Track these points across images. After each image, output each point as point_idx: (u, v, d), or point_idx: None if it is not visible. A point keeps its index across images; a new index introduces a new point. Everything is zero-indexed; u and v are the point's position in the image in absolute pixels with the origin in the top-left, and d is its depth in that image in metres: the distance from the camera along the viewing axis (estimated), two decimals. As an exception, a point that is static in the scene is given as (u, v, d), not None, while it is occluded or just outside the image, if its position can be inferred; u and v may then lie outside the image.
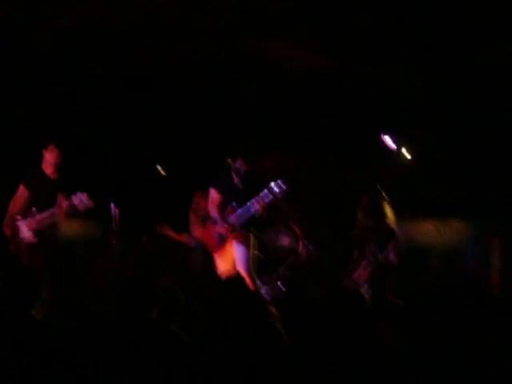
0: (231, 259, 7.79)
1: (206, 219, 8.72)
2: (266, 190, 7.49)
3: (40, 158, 8.26)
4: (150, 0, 7.10)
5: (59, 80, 9.21)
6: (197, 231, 9.42)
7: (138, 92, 9.69)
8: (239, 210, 7.68)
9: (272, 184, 7.49)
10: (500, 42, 7.56)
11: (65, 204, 7.87)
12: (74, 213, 7.98)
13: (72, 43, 8.21)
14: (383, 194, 7.83)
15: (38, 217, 7.95)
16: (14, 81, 9.01)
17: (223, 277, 7.22)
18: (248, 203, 7.61)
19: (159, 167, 12.10)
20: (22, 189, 8.18)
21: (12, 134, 10.12)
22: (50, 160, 8.17)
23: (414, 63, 8.32)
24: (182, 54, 8.37)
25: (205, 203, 8.98)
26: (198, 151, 11.13)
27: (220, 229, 7.81)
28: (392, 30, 7.56)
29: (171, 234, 9.92)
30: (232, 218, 7.74)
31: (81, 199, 7.85)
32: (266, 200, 7.51)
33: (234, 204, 7.74)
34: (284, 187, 7.49)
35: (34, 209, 7.97)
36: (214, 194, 7.95)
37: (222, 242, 7.85)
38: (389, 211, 7.86)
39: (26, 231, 7.95)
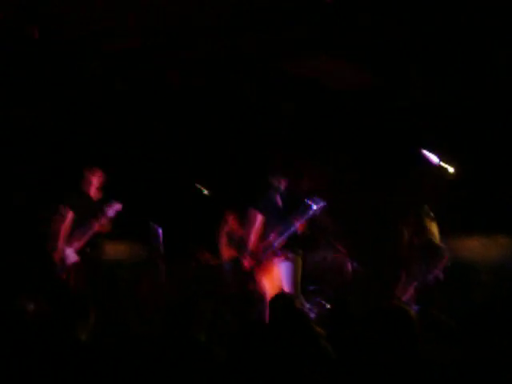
0: (278, 281, 7.75)
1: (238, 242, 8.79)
2: (303, 207, 7.47)
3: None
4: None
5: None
6: (227, 252, 9.44)
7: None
8: (280, 228, 7.67)
9: (308, 201, 7.47)
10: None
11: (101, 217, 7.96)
12: (107, 221, 8.03)
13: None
14: (428, 210, 7.73)
15: (78, 235, 8.02)
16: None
17: (268, 296, 7.21)
18: (288, 222, 7.60)
19: (200, 186, 12.12)
20: (70, 214, 8.18)
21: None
22: (94, 183, 8.23)
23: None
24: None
25: (238, 226, 9.03)
26: (239, 170, 11.13)
27: (246, 261, 7.89)
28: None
29: (210, 259, 9.94)
30: (273, 237, 7.73)
31: (114, 209, 7.95)
32: (305, 217, 7.50)
33: (278, 227, 7.71)
34: (321, 203, 7.47)
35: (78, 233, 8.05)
36: (255, 217, 7.95)
37: (268, 263, 7.82)
38: (434, 228, 7.78)
39: (72, 256, 8.00)
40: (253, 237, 7.93)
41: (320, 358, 3.65)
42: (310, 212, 7.44)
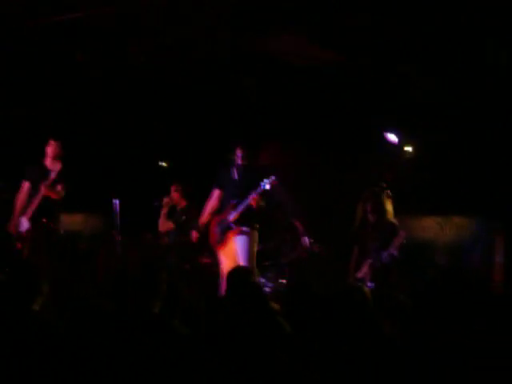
0: (234, 255, 7.78)
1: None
2: (259, 187, 7.51)
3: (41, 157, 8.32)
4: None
5: (59, 80, 9.22)
6: (164, 225, 9.38)
7: (140, 91, 9.71)
8: (236, 202, 7.72)
9: (265, 180, 7.50)
10: (500, 42, 7.55)
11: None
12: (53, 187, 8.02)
13: (72, 42, 8.26)
14: (385, 189, 7.78)
15: (31, 203, 8.02)
16: (14, 81, 9.00)
17: (225, 270, 7.23)
18: (245, 200, 7.63)
19: (163, 163, 12.15)
20: (25, 185, 8.25)
21: (12, 134, 10.12)
22: (49, 153, 8.24)
23: (414, 63, 8.32)
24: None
25: (181, 198, 9.09)
26: (200, 146, 11.15)
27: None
28: (392, 30, 7.58)
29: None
30: (228, 210, 7.77)
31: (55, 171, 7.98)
32: (257, 191, 7.54)
33: (232, 201, 7.74)
34: (272, 177, 7.51)
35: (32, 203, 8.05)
36: (214, 192, 8.02)
37: (223, 237, 7.84)
38: (390, 206, 7.83)
39: (25, 223, 8.01)
40: (205, 210, 8.00)
41: (276, 332, 3.67)
42: (262, 186, 7.48)
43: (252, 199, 7.56)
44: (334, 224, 9.79)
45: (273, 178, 7.48)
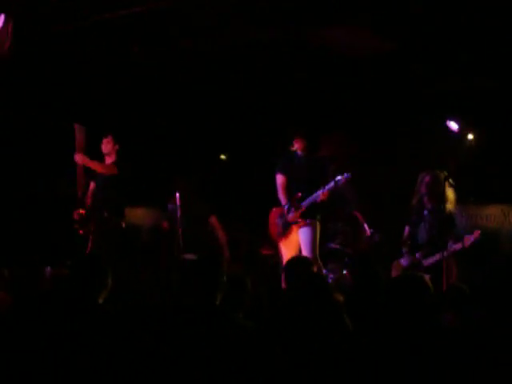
0: (296, 247, 7.74)
1: None
2: (334, 183, 7.42)
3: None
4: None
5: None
6: None
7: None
8: (307, 201, 7.63)
9: (339, 177, 7.41)
10: None
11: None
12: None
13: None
14: (448, 177, 7.60)
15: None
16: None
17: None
18: (314, 195, 7.56)
19: (222, 156, 12.18)
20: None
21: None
22: (104, 150, 8.39)
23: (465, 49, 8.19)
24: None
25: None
26: (258, 138, 11.15)
27: (291, 217, 7.73)
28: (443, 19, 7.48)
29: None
30: (298, 208, 7.68)
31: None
32: (329, 187, 7.46)
33: (299, 195, 7.67)
34: (346, 174, 7.41)
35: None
36: (279, 178, 7.87)
37: (286, 229, 7.80)
38: (452, 195, 7.67)
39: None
40: (280, 195, 7.85)
41: (337, 329, 3.62)
42: (338, 182, 7.39)
43: (322, 194, 7.49)
44: (393, 214, 9.69)
45: (348, 175, 7.39)
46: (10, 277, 6.20)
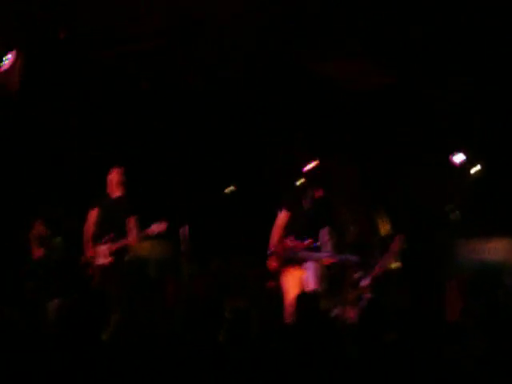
0: (298, 279, 7.69)
1: None
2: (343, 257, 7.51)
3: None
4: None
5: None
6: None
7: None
8: (314, 254, 7.65)
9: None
10: None
11: (138, 231, 8.07)
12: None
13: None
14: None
15: (114, 246, 8.11)
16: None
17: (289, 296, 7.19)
18: (323, 253, 7.62)
19: (231, 187, 12.20)
20: (93, 213, 8.37)
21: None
22: (113, 181, 8.36)
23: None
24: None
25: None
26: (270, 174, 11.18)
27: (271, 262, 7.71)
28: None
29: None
30: (303, 254, 7.69)
31: (159, 226, 8.03)
32: (335, 258, 7.54)
33: (305, 239, 7.66)
34: (354, 258, 7.52)
35: (112, 234, 8.13)
36: (283, 214, 7.80)
37: (288, 264, 7.75)
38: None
39: (104, 256, 8.10)
40: (275, 235, 7.75)
41: (342, 363, 3.66)
42: (340, 258, 7.47)
43: (326, 259, 7.55)
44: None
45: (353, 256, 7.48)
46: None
